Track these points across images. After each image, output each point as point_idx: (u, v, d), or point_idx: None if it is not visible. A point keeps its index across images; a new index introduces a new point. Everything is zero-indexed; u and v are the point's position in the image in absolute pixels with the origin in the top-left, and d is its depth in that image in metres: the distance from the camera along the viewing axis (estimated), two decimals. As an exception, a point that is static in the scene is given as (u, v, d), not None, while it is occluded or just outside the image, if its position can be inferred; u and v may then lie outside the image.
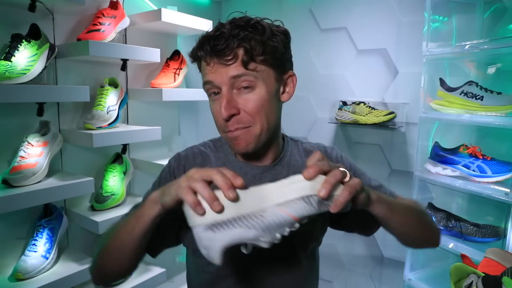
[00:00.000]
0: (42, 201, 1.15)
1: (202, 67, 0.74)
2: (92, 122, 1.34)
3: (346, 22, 1.81)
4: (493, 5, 1.45)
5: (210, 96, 0.75)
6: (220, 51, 0.69)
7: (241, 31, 0.68)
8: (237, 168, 0.80)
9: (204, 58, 0.72)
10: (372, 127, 1.70)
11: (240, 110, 0.71)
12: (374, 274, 1.88)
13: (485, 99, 1.32)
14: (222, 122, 0.73)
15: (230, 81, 0.70)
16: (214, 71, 0.71)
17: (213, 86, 0.72)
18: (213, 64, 0.70)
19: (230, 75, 0.69)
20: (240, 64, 0.69)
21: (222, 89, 0.71)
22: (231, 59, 0.69)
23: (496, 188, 1.24)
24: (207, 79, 0.72)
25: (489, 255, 0.98)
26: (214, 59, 0.70)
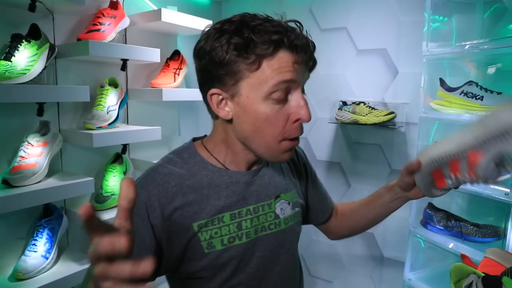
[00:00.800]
0: (42, 201, 1.15)
1: (279, 62, 0.65)
2: (92, 122, 1.34)
3: (346, 22, 1.81)
4: (493, 5, 1.45)
5: (273, 101, 0.66)
6: (309, 50, 0.67)
7: (308, 39, 0.69)
8: (226, 178, 0.75)
9: (294, 52, 0.65)
10: (372, 127, 1.70)
11: None
12: (374, 274, 1.88)
13: (485, 99, 1.32)
14: (291, 128, 0.69)
15: (303, 84, 0.70)
16: (299, 70, 0.66)
17: (288, 87, 0.66)
18: (300, 62, 0.66)
19: (306, 77, 0.69)
20: (308, 69, 0.70)
21: (295, 92, 0.68)
22: (312, 62, 0.69)
23: (496, 188, 1.24)
24: (291, 78, 0.65)
25: (489, 255, 0.97)
26: (305, 57, 0.66)
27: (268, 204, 0.79)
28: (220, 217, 0.72)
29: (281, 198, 0.82)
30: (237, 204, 0.75)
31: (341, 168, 1.91)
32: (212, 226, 0.71)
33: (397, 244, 1.75)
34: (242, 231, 0.74)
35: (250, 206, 0.76)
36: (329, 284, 2.01)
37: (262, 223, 0.78)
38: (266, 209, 0.79)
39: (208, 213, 0.71)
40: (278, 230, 0.80)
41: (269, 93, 0.65)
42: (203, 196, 0.72)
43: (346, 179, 1.91)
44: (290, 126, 0.68)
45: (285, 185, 0.84)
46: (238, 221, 0.74)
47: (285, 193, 0.83)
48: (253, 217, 0.76)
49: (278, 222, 0.80)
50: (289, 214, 0.82)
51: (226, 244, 0.72)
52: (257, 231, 0.77)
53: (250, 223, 0.76)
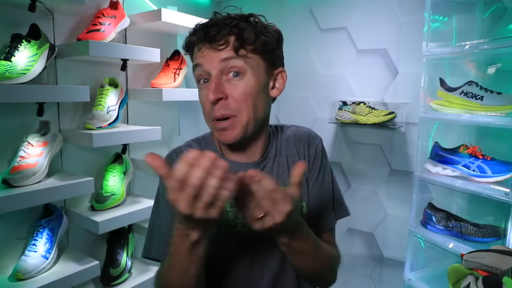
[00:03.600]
0: (42, 201, 1.15)
1: (194, 54, 0.75)
2: (92, 122, 1.34)
3: (346, 22, 1.81)
4: (493, 5, 1.45)
5: (199, 83, 0.75)
6: (212, 37, 0.70)
7: (234, 20, 0.71)
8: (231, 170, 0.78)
9: (196, 44, 0.74)
10: (372, 127, 1.70)
11: (228, 96, 0.72)
12: (374, 274, 1.88)
13: (485, 99, 1.32)
14: (209, 108, 0.73)
15: (220, 65, 0.71)
16: (205, 55, 0.72)
17: (202, 70, 0.73)
18: (204, 49, 0.72)
19: (220, 58, 0.71)
20: (231, 49, 0.71)
21: (211, 74, 0.72)
22: (222, 44, 0.70)
23: (496, 188, 1.24)
24: (197, 62, 0.73)
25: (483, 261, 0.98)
26: (206, 44, 0.71)
27: None
28: None
29: None
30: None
31: (341, 168, 1.91)
32: None
33: (397, 244, 1.75)
34: (238, 221, 0.77)
35: None
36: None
37: None
38: None
39: None
40: None
41: (195, 76, 0.76)
42: None
43: (346, 179, 1.91)
44: (210, 107, 0.73)
45: (286, 178, 0.81)
46: (235, 209, 0.77)
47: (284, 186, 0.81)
48: None
49: None
50: None
51: (222, 229, 0.77)
52: None
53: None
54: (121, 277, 1.44)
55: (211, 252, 0.74)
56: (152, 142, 1.63)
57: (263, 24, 0.74)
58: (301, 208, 0.83)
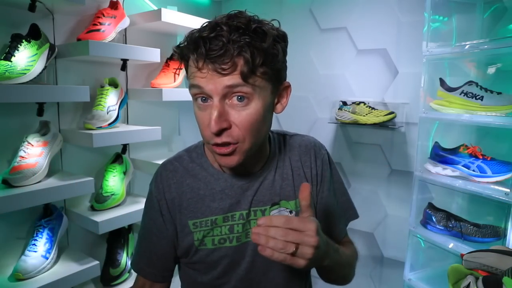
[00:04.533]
0: (42, 201, 1.15)
1: (189, 67, 0.66)
2: (92, 122, 1.34)
3: (346, 22, 1.81)
4: (493, 5, 1.45)
5: (196, 100, 0.67)
6: (217, 58, 0.60)
7: (241, 36, 0.61)
8: (222, 182, 0.77)
9: (196, 61, 0.63)
10: (372, 127, 1.70)
11: (232, 124, 0.65)
12: (374, 274, 1.88)
13: (485, 99, 1.32)
14: (208, 134, 0.66)
15: (223, 91, 0.63)
16: (206, 78, 0.63)
17: (202, 92, 0.64)
18: (206, 70, 0.62)
19: (225, 84, 0.62)
20: (238, 75, 0.62)
21: (213, 98, 0.64)
22: (228, 69, 0.61)
23: (496, 188, 1.24)
24: (196, 83, 0.64)
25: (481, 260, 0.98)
26: (209, 65, 0.62)
27: (261, 210, 0.77)
28: (213, 219, 0.76)
29: (281, 206, 0.78)
30: (230, 208, 0.77)
31: (341, 168, 1.91)
32: (205, 226, 0.76)
33: (397, 244, 1.75)
34: (233, 234, 0.77)
35: (243, 211, 0.77)
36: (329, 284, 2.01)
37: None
38: (259, 215, 0.77)
39: (203, 213, 0.77)
40: None
41: (192, 94, 0.68)
42: (199, 196, 0.77)
43: (346, 179, 1.91)
44: (207, 132, 0.66)
45: (290, 192, 0.79)
46: (230, 224, 0.77)
47: (287, 200, 0.79)
48: (245, 221, 0.77)
49: None
50: None
51: (216, 245, 0.77)
52: (248, 236, 0.77)
53: (242, 228, 0.77)
54: (121, 277, 1.44)
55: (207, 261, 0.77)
56: (152, 142, 1.63)
57: (272, 34, 0.64)
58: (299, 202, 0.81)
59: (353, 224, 0.93)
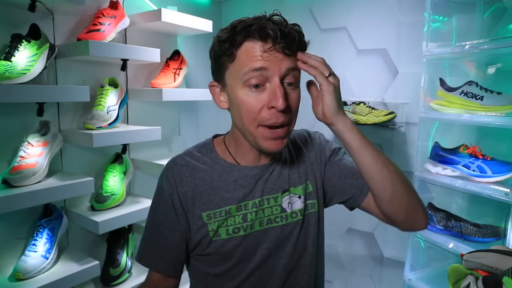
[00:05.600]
0: (42, 201, 1.15)
1: (247, 51, 0.69)
2: (92, 122, 1.34)
3: (346, 22, 1.81)
4: (493, 5, 1.45)
5: (249, 88, 0.70)
6: (287, 39, 0.68)
7: (299, 32, 0.72)
8: (235, 172, 0.80)
9: (264, 40, 0.68)
10: (372, 127, 1.70)
11: (289, 105, 0.72)
12: (374, 274, 1.88)
13: (485, 99, 1.32)
14: (265, 115, 0.70)
15: (285, 72, 0.70)
16: (271, 59, 0.68)
17: (262, 74, 0.68)
18: (274, 51, 0.68)
19: (287, 66, 0.69)
20: (295, 58, 0.71)
21: (273, 80, 0.69)
22: (293, 51, 0.69)
23: (496, 188, 1.24)
24: (260, 66, 0.68)
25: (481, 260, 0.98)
26: (276, 46, 0.67)
27: (274, 197, 0.81)
28: (227, 209, 0.78)
29: (290, 192, 0.82)
30: (243, 197, 0.79)
31: (341, 168, 1.91)
32: (220, 217, 0.78)
33: (397, 244, 1.75)
34: (247, 223, 0.79)
35: (256, 199, 0.80)
36: (329, 284, 2.01)
37: (267, 215, 0.80)
38: (272, 202, 0.81)
39: (217, 204, 0.79)
40: (285, 223, 0.81)
41: (244, 80, 0.70)
42: (212, 188, 0.79)
43: (346, 179, 1.91)
44: (265, 112, 0.70)
45: (297, 179, 0.84)
46: (243, 213, 0.79)
47: (295, 187, 0.83)
48: (258, 209, 0.79)
49: (284, 215, 0.81)
50: (299, 208, 0.82)
51: (231, 234, 0.78)
52: (262, 224, 0.80)
53: (255, 215, 0.79)
54: (121, 277, 1.44)
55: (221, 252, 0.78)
56: (152, 142, 1.63)
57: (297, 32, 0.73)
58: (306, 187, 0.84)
59: (353, 224, 0.93)
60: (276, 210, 0.81)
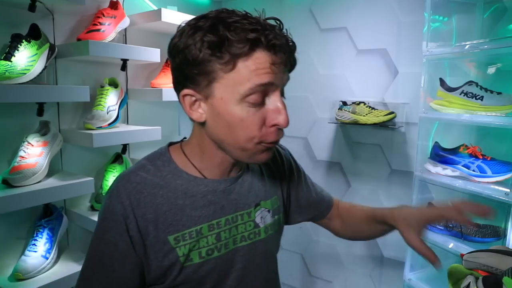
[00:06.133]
0: (42, 201, 1.16)
1: (256, 63, 0.60)
2: (92, 122, 1.34)
3: (346, 22, 1.81)
4: (493, 5, 1.45)
5: (248, 103, 0.62)
6: (289, 50, 0.63)
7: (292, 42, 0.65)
8: (202, 187, 0.71)
9: (274, 53, 0.60)
10: (372, 127, 1.70)
11: None
12: (374, 274, 1.88)
13: (485, 99, 1.32)
14: (267, 133, 0.64)
15: (283, 86, 0.65)
16: (277, 72, 0.62)
17: (265, 90, 0.62)
18: (279, 63, 0.61)
19: (287, 78, 0.65)
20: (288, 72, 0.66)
21: (273, 94, 0.64)
22: (291, 63, 0.64)
23: (496, 188, 1.24)
24: (269, 81, 0.61)
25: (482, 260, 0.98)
26: (284, 58, 0.62)
27: (247, 213, 0.75)
28: (198, 229, 0.69)
29: (261, 206, 0.78)
30: (214, 214, 0.70)
31: (341, 168, 1.91)
32: (190, 239, 0.68)
33: (397, 244, 1.75)
34: (221, 242, 0.71)
35: (229, 216, 0.72)
36: (329, 284, 2.01)
37: (241, 232, 0.74)
38: (246, 218, 0.75)
39: (185, 225, 0.68)
40: (258, 239, 0.76)
41: (244, 95, 0.61)
42: (178, 207, 0.68)
43: (346, 179, 1.91)
44: (267, 130, 0.64)
45: (265, 192, 0.80)
46: (217, 232, 0.71)
47: (264, 200, 0.79)
48: (232, 226, 0.73)
49: (257, 231, 0.76)
50: (269, 222, 0.79)
51: (204, 257, 0.69)
52: (236, 242, 0.73)
53: (229, 233, 0.72)
54: (121, 277, 1.44)
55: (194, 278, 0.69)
56: (152, 142, 1.63)
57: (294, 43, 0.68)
58: (274, 201, 0.83)
59: (353, 224, 0.93)
60: (250, 226, 0.75)
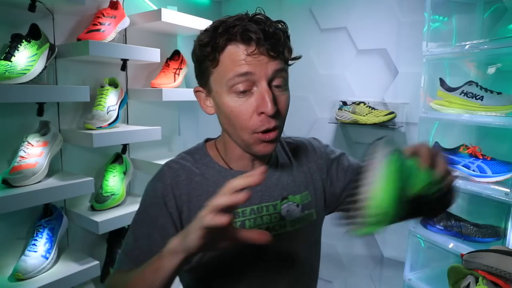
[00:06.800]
0: (42, 201, 1.16)
1: (231, 56, 0.65)
2: (92, 122, 1.34)
3: (346, 22, 1.81)
4: (493, 5, 1.45)
5: (236, 94, 0.67)
6: (271, 40, 0.64)
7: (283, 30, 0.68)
8: (229, 177, 0.72)
9: (247, 43, 0.64)
10: (372, 127, 1.70)
11: (278, 108, 0.69)
12: (374, 274, 1.88)
13: (485, 99, 1.32)
14: (253, 120, 0.67)
15: (272, 75, 0.66)
16: (256, 63, 0.65)
17: (248, 79, 0.65)
18: (258, 54, 0.64)
19: (274, 68, 0.66)
20: (283, 61, 0.68)
21: (260, 84, 0.66)
22: (279, 52, 0.66)
23: (496, 188, 1.24)
24: (245, 71, 0.65)
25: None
26: (261, 49, 0.64)
27: (273, 205, 0.78)
28: None
29: (289, 200, 0.80)
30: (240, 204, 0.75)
31: (341, 168, 1.91)
32: None
33: (397, 244, 1.75)
34: None
35: (254, 206, 0.77)
36: (329, 284, 2.01)
37: (266, 223, 0.77)
38: (271, 210, 0.78)
39: None
40: (284, 231, 0.78)
41: (229, 86, 0.67)
42: (209, 193, 0.74)
43: (346, 179, 1.91)
44: (256, 119, 0.67)
45: (295, 187, 0.82)
46: (241, 220, 0.75)
47: (293, 195, 0.81)
48: (256, 216, 0.77)
49: (283, 223, 0.79)
50: (297, 216, 0.80)
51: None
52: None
53: (254, 222, 0.76)
54: (121, 277, 1.44)
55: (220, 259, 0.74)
56: (152, 142, 1.63)
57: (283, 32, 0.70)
58: (304, 196, 0.82)
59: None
60: (275, 217, 0.78)
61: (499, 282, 0.89)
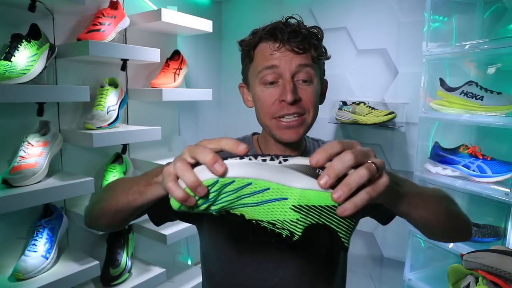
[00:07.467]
0: (42, 201, 1.16)
1: (262, 51, 0.76)
2: (92, 122, 1.34)
3: (346, 22, 1.81)
4: (493, 5, 1.45)
5: (265, 84, 0.76)
6: (295, 39, 0.72)
7: (311, 32, 0.75)
8: None
9: (274, 41, 0.74)
10: (372, 127, 1.70)
11: (300, 99, 0.75)
12: (374, 274, 1.88)
13: (485, 99, 1.32)
14: (276, 107, 0.74)
15: (295, 70, 0.74)
16: (281, 57, 0.73)
17: (274, 72, 0.74)
18: (284, 50, 0.73)
19: (298, 63, 0.73)
20: (309, 56, 0.74)
21: (284, 76, 0.74)
22: (303, 49, 0.73)
23: (496, 188, 1.24)
24: (272, 64, 0.74)
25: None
26: (287, 45, 0.73)
27: None
28: None
29: None
30: None
31: (341, 168, 1.91)
32: None
33: (397, 244, 1.75)
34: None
35: None
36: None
37: None
38: None
39: None
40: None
41: (260, 78, 0.76)
42: None
43: (346, 179, 1.91)
44: (277, 106, 0.75)
45: None
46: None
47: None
48: None
49: None
50: None
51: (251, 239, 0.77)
52: None
53: None
54: (121, 277, 1.44)
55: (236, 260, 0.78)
56: (152, 142, 1.63)
57: (322, 38, 0.79)
58: None
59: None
60: None
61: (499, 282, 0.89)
